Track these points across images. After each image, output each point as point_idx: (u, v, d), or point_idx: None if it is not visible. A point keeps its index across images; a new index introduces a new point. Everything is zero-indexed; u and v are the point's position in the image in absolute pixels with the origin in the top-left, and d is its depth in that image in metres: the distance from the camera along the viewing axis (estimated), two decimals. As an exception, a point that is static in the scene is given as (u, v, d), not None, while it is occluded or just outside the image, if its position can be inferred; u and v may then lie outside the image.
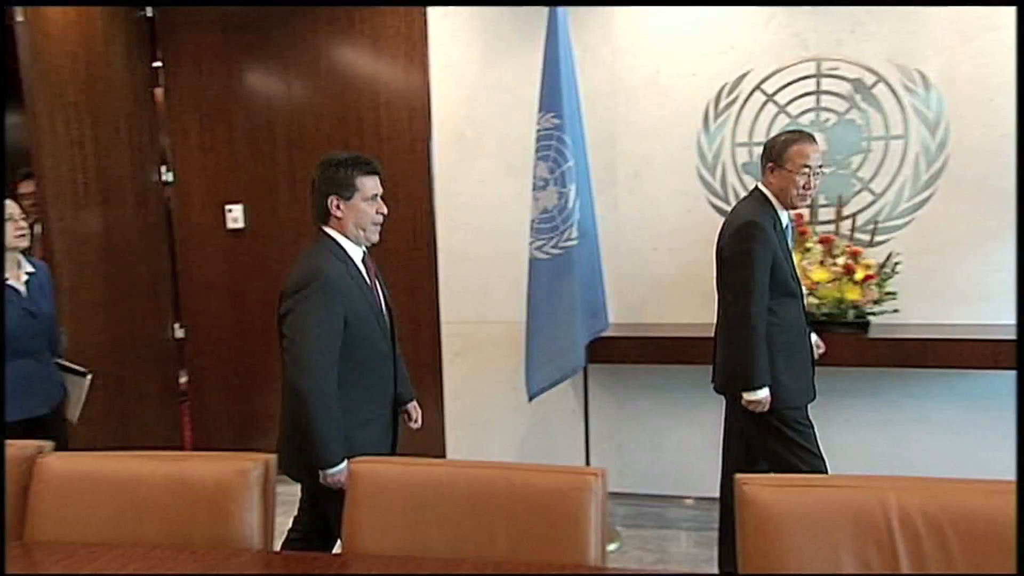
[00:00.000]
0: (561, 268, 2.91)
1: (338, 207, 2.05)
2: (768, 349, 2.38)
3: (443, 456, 3.67)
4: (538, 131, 2.95)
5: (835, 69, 3.17)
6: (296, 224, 3.82)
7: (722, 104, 3.29)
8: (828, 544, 1.54)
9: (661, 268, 3.40)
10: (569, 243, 2.91)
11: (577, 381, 3.37)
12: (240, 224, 3.89)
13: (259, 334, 3.92)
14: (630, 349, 3.15)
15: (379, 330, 2.09)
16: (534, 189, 2.94)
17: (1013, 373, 2.88)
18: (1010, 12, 2.98)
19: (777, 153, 2.43)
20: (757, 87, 3.25)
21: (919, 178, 3.14)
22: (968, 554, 1.49)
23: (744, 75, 3.25)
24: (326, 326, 1.94)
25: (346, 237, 2.08)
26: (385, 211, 2.11)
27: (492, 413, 3.64)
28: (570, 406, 3.52)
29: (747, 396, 2.39)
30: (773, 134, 3.17)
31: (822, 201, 3.21)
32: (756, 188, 2.52)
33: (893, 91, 3.13)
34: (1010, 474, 1.62)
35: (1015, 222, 2.98)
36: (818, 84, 3.20)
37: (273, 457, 1.72)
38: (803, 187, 2.41)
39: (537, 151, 2.93)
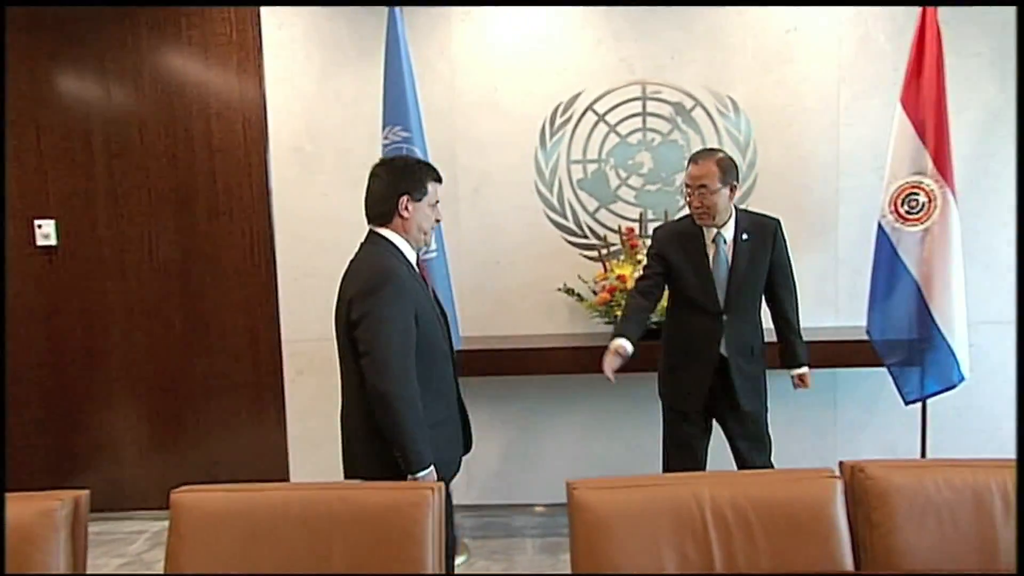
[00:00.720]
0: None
1: (406, 207, 2.02)
2: (664, 350, 2.68)
3: (287, 479, 3.53)
4: (385, 145, 2.93)
5: (658, 93, 3.40)
6: (119, 240, 3.57)
7: (557, 122, 3.43)
8: (651, 540, 1.66)
9: (504, 281, 3.48)
10: (430, 255, 2.95)
11: None
12: (52, 241, 3.57)
13: (77, 361, 3.61)
14: (477, 361, 3.17)
15: (440, 331, 2.08)
16: None
17: (841, 371, 3.27)
18: (803, 46, 3.34)
19: None
20: (589, 107, 3.42)
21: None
22: (770, 537, 1.66)
23: (577, 95, 3.41)
24: (403, 327, 1.91)
25: (405, 239, 2.04)
26: (441, 218, 2.12)
27: (337, 433, 3.54)
28: (418, 420, 3.51)
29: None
30: (605, 152, 3.42)
31: (650, 216, 3.44)
32: None
33: (709, 115, 3.40)
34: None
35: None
36: (644, 106, 3.41)
37: (85, 493, 1.59)
38: (690, 204, 2.57)
39: None
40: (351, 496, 1.64)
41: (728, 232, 2.58)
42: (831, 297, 3.44)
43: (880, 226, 2.99)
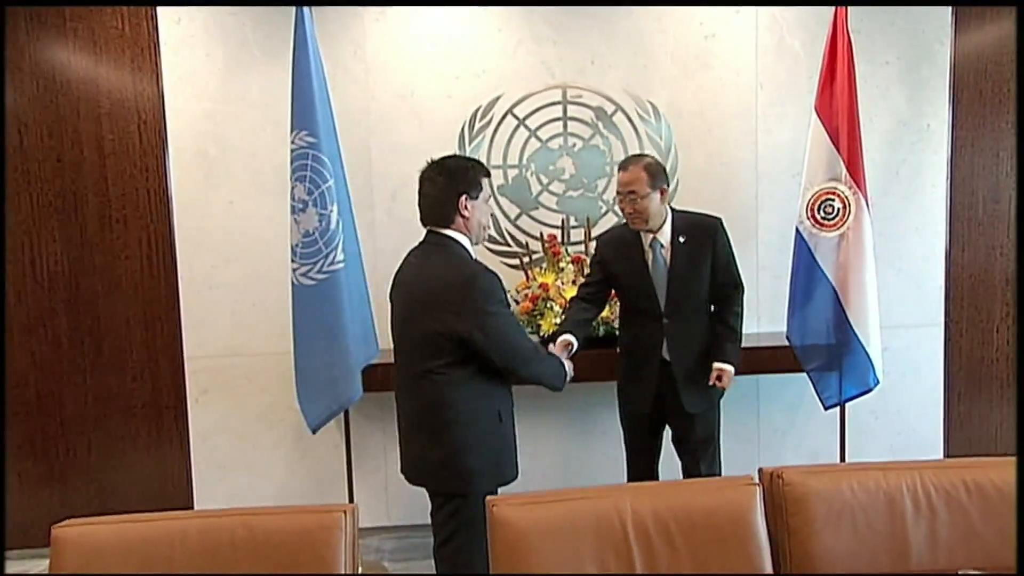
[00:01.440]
0: (329, 293, 2.85)
1: (466, 206, 2.17)
2: (619, 357, 2.82)
3: (190, 507, 3.41)
4: (292, 150, 2.87)
5: (579, 97, 3.46)
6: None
7: (477, 126, 3.44)
8: (572, 554, 1.68)
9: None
10: (335, 266, 2.87)
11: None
12: (-80, 252, 3.34)
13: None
14: (390, 376, 3.04)
15: None
16: (293, 212, 2.86)
17: (764, 377, 3.42)
18: (722, 52, 3.46)
19: None
20: (509, 111, 3.44)
21: None
22: (691, 546, 1.70)
23: (496, 99, 3.43)
24: (511, 314, 2.21)
25: (467, 236, 2.19)
26: (495, 211, 2.23)
27: (248, 455, 3.47)
28: (333, 440, 3.45)
29: None
30: (526, 157, 3.44)
31: (573, 223, 3.48)
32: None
33: (630, 119, 3.48)
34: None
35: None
36: (565, 111, 3.46)
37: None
38: (623, 211, 2.65)
39: (293, 171, 2.85)
40: (256, 523, 1.60)
41: (664, 236, 2.65)
42: (752, 303, 3.48)
43: (798, 232, 3.08)
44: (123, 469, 3.46)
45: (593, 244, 3.45)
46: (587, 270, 3.28)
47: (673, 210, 2.70)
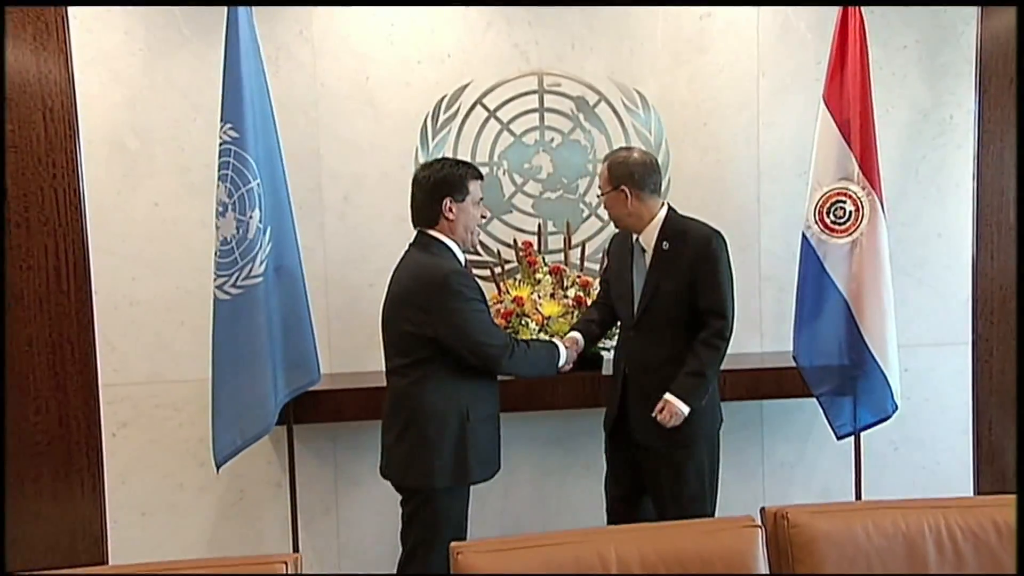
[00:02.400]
0: (243, 309, 2.86)
1: (451, 209, 2.48)
2: None
3: (103, 561, 3.33)
4: (220, 145, 2.87)
5: (557, 85, 3.46)
6: None
7: (441, 118, 3.43)
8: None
9: (379, 306, 3.38)
10: (251, 280, 2.87)
11: (281, 448, 3.28)
12: None
13: None
14: (347, 403, 3.15)
15: None
16: (216, 215, 2.88)
17: (768, 403, 3.47)
18: (719, 34, 3.49)
19: None
20: (478, 101, 3.44)
21: None
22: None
23: (464, 87, 3.43)
24: (483, 311, 2.51)
25: (453, 240, 2.52)
26: (488, 215, 2.61)
27: (173, 497, 3.40)
28: (274, 478, 3.41)
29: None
30: (498, 153, 3.45)
31: (551, 228, 3.48)
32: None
33: (615, 111, 3.49)
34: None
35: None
36: (541, 101, 3.47)
37: None
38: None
39: (219, 169, 2.86)
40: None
41: (648, 238, 2.70)
42: (755, 319, 3.56)
43: (805, 238, 3.11)
44: (24, 517, 3.36)
45: (575, 252, 3.46)
46: (566, 282, 3.30)
47: (671, 211, 2.73)
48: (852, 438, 3.22)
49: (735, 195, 3.54)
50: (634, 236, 2.74)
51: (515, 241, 3.47)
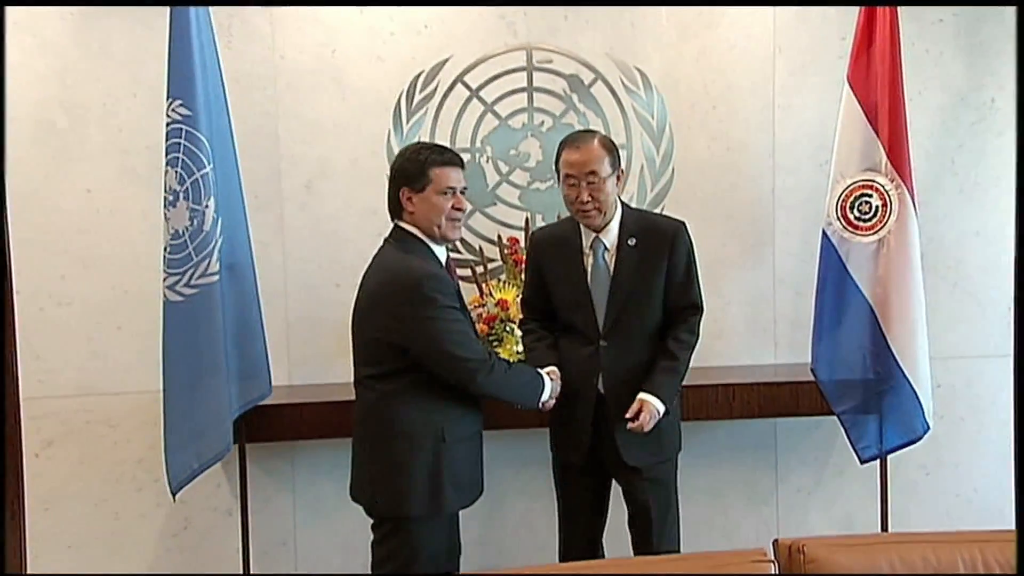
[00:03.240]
0: (199, 313, 2.85)
1: (409, 199, 2.49)
2: None
3: (25, 599, 3.27)
4: (167, 125, 2.85)
5: (548, 62, 3.44)
6: None
7: (417, 98, 3.41)
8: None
9: (347, 310, 3.30)
10: (207, 279, 2.85)
11: (232, 470, 3.24)
12: None
13: None
14: (305, 420, 3.13)
15: (476, 334, 2.59)
16: (165, 205, 2.86)
17: (783, 421, 3.44)
18: (730, 9, 3.47)
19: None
20: (459, 79, 3.42)
21: (645, 195, 3.49)
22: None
23: (443, 63, 3.41)
24: (460, 320, 2.47)
25: (422, 232, 2.50)
26: (465, 207, 2.52)
27: (106, 526, 3.34)
28: (224, 505, 3.38)
29: None
30: (481, 138, 3.44)
31: (540, 222, 3.43)
32: None
33: (613, 92, 3.46)
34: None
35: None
36: (530, 79, 3.45)
37: None
38: (574, 201, 2.64)
39: (167, 152, 2.84)
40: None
41: (610, 236, 2.68)
42: (768, 327, 3.56)
43: (825, 235, 3.10)
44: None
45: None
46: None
47: (624, 206, 2.74)
48: (877, 462, 3.21)
49: (747, 188, 3.53)
50: (587, 234, 2.69)
51: (499, 237, 3.45)
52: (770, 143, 3.52)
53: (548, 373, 2.65)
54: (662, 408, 2.60)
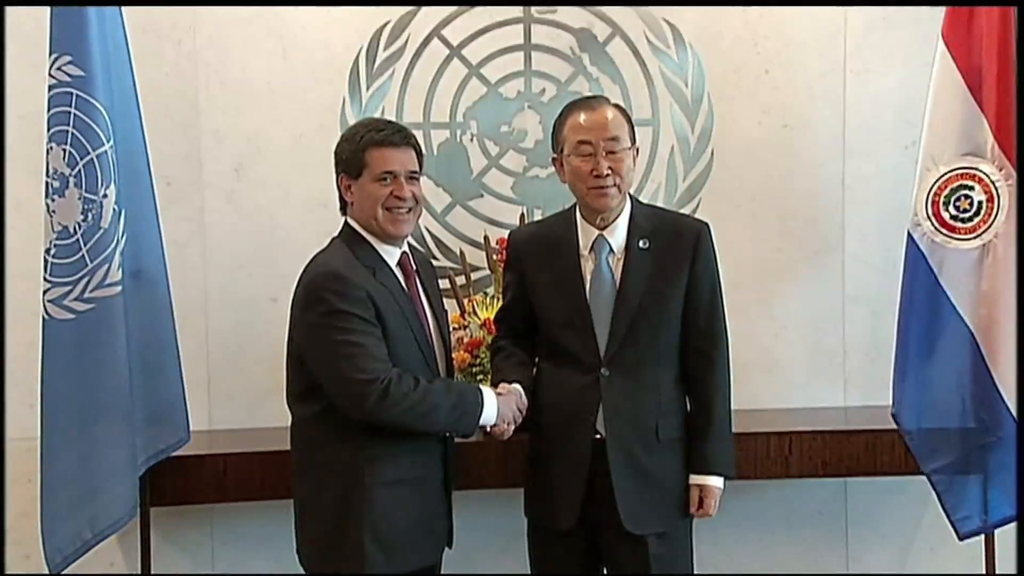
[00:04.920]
0: (94, 335, 2.80)
1: (348, 189, 2.53)
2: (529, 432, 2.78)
3: None
4: (50, 88, 2.80)
5: (552, 12, 3.41)
6: None
7: (381, 57, 3.40)
8: None
9: (285, 332, 3.24)
10: (106, 291, 2.80)
11: (130, 543, 3.18)
12: None
13: None
14: (229, 476, 3.08)
15: (420, 358, 2.52)
16: (48, 194, 2.81)
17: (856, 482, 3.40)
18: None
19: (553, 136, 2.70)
20: (435, 33, 3.42)
21: (676, 187, 3.40)
22: None
23: (412, 13, 3.40)
24: (356, 330, 2.40)
25: (364, 228, 2.54)
26: (405, 194, 2.49)
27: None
28: (122, 586, 3.27)
29: None
30: (463, 110, 3.42)
31: (539, 219, 3.34)
32: None
33: (635, 51, 3.42)
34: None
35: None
36: (527, 34, 3.43)
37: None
38: (586, 178, 2.55)
39: (50, 125, 2.80)
40: None
41: (616, 236, 2.62)
42: (835, 359, 3.53)
43: (912, 240, 3.04)
44: None
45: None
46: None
47: (634, 199, 2.70)
48: (982, 538, 3.12)
49: (809, 176, 3.48)
50: (585, 230, 2.64)
51: (486, 238, 3.40)
52: (839, 118, 3.47)
53: (498, 389, 2.61)
54: (721, 484, 2.59)
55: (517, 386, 2.63)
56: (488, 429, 2.53)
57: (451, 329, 2.86)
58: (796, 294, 3.43)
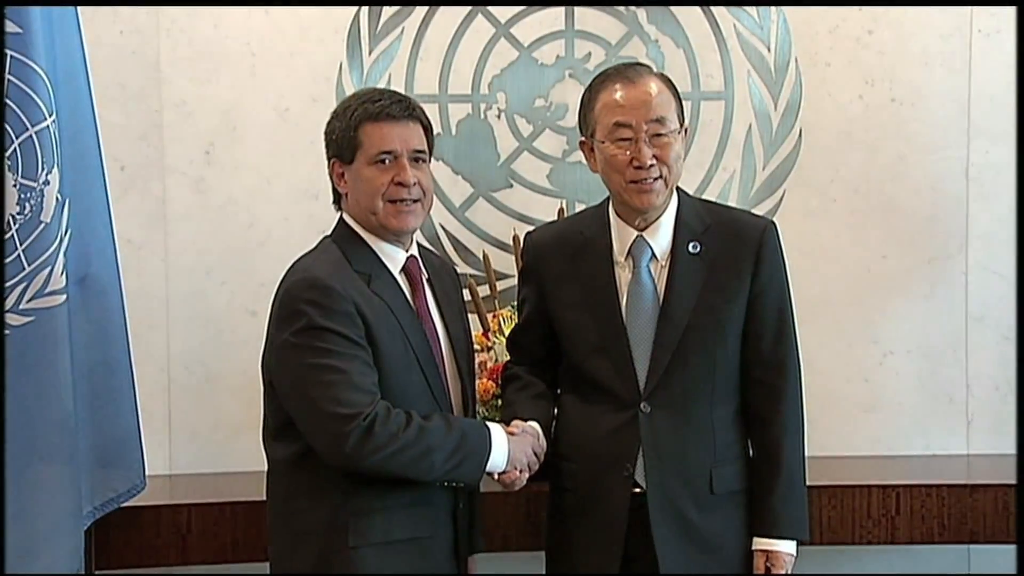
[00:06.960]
0: (31, 354, 2.82)
1: (341, 177, 2.54)
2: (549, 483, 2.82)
3: None
4: None
5: (599, -42, 3.44)
6: None
7: (384, 17, 3.45)
8: None
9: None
10: (46, 300, 2.83)
11: None
12: None
13: None
14: (193, 531, 3.13)
15: (424, 387, 2.50)
16: None
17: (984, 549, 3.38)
18: None
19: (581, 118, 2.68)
20: (449, -15, 3.45)
21: (754, 175, 3.43)
22: None
23: (429, -42, 3.43)
24: (340, 353, 2.38)
25: (360, 224, 2.55)
26: (408, 179, 2.45)
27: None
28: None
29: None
30: (489, 80, 3.47)
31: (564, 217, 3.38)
32: None
33: (707, 10, 3.44)
34: None
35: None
36: (570, -12, 3.45)
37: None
38: (622, 166, 2.54)
39: None
40: None
41: (660, 238, 2.62)
42: (957, 393, 3.55)
43: None
44: None
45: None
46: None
47: (682, 192, 2.70)
48: None
49: (924, 163, 3.51)
50: (616, 234, 2.64)
51: (515, 238, 3.44)
52: (963, 93, 3.52)
53: (511, 427, 2.59)
54: (793, 549, 2.58)
55: (534, 424, 2.61)
56: (496, 477, 2.51)
57: (474, 352, 2.82)
58: (905, 312, 3.43)
